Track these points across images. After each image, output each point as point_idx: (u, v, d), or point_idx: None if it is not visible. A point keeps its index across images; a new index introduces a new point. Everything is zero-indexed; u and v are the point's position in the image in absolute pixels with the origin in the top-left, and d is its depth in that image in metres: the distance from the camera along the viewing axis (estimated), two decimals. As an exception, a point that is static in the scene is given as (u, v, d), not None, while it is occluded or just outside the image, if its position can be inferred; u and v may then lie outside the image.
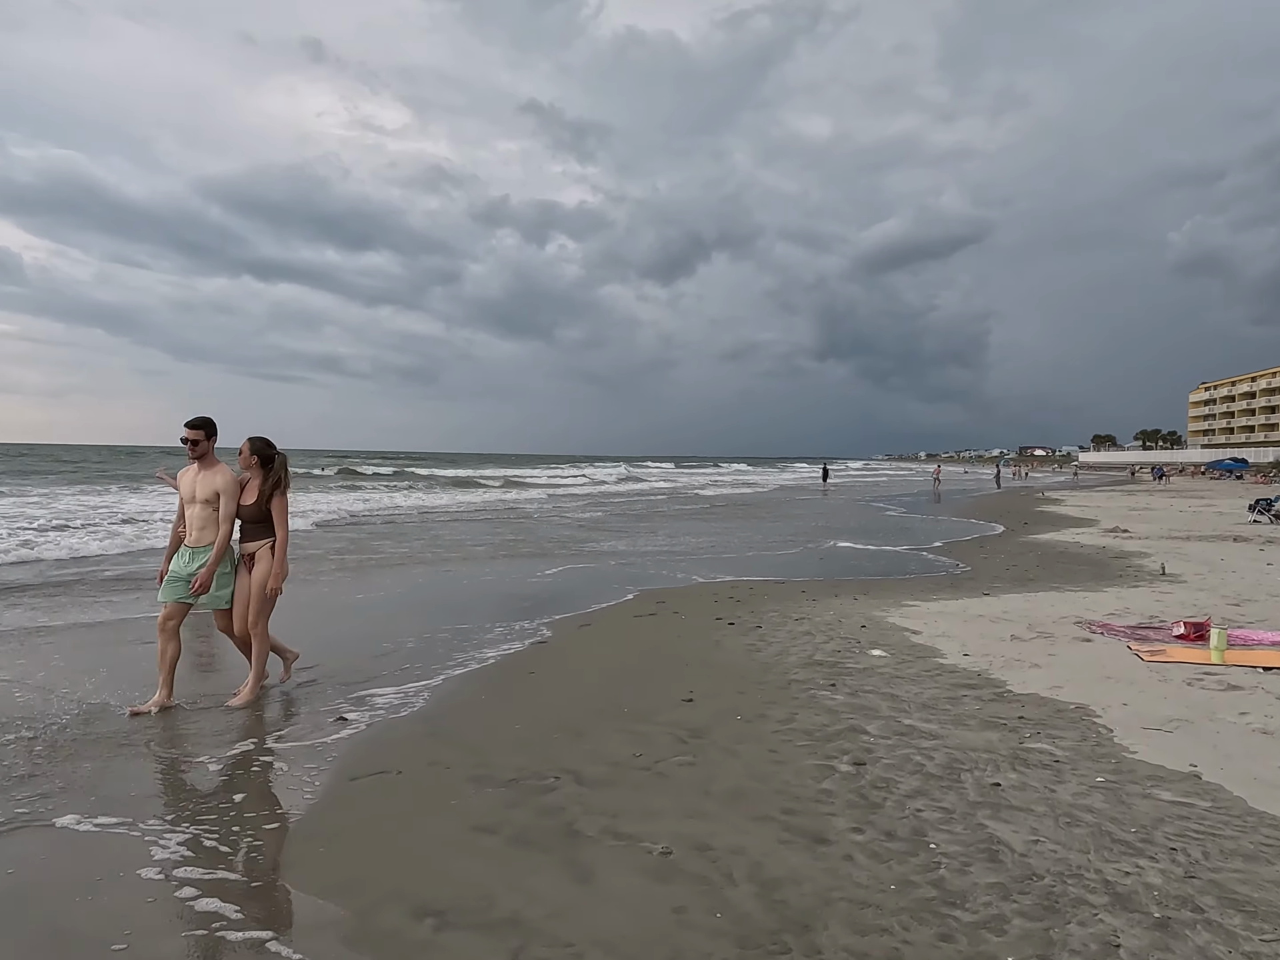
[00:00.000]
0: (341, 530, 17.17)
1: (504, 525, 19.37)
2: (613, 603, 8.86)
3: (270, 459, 5.39)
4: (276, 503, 5.31)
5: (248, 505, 5.27)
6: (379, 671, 5.92)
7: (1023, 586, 10.02)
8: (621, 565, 12.04)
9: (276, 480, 5.33)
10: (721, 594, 9.40)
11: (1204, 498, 34.69)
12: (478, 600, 8.91)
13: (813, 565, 12.62)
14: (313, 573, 10.87)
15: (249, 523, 5.31)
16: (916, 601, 8.82)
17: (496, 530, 17.92)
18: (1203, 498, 34.67)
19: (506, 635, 7.18)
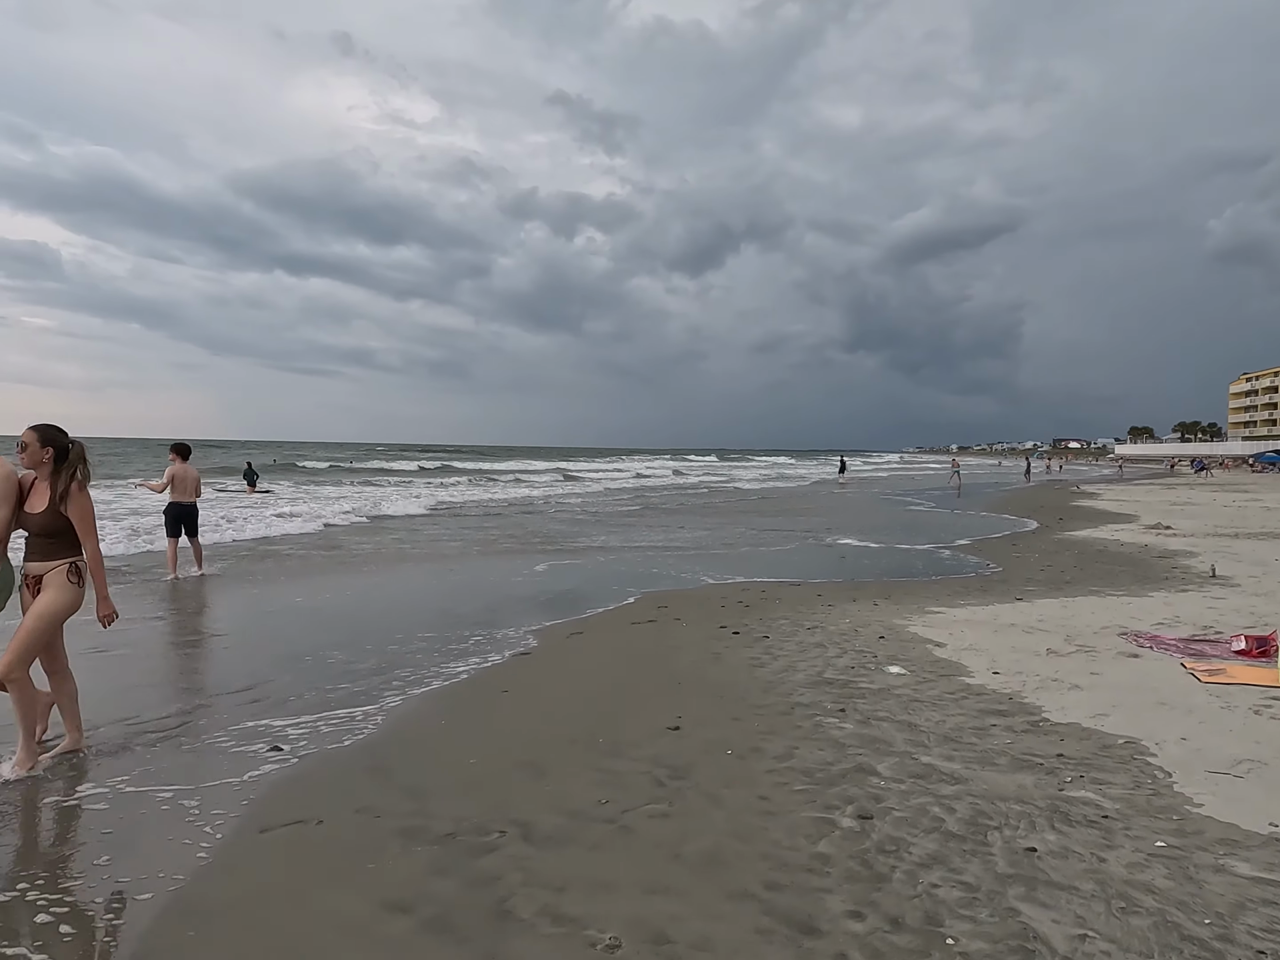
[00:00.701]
0: (407, 523, 16.74)
1: (554, 520, 18.84)
2: (611, 607, 8.23)
3: (65, 450, 4.11)
4: (77, 505, 4.06)
5: (37, 513, 4.04)
6: (335, 688, 5.34)
7: (1059, 590, 9.23)
8: (633, 561, 11.41)
9: (72, 474, 4.07)
10: (730, 598, 8.73)
11: (1249, 491, 33.31)
12: (477, 601, 8.33)
13: (833, 565, 11.89)
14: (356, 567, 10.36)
15: (40, 536, 4.05)
16: (942, 608, 8.08)
17: (548, 524, 17.38)
18: (1247, 491, 33.29)
19: (489, 644, 6.58)
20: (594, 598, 8.76)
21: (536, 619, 7.62)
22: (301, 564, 11.39)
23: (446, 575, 10.50)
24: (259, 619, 7.83)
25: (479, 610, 8.04)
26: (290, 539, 14.31)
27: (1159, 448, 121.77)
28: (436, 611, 7.98)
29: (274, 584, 9.70)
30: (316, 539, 14.40)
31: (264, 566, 11.08)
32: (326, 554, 12.40)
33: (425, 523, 18.06)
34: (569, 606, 8.28)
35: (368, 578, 10.22)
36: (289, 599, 8.71)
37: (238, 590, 9.36)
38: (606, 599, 8.68)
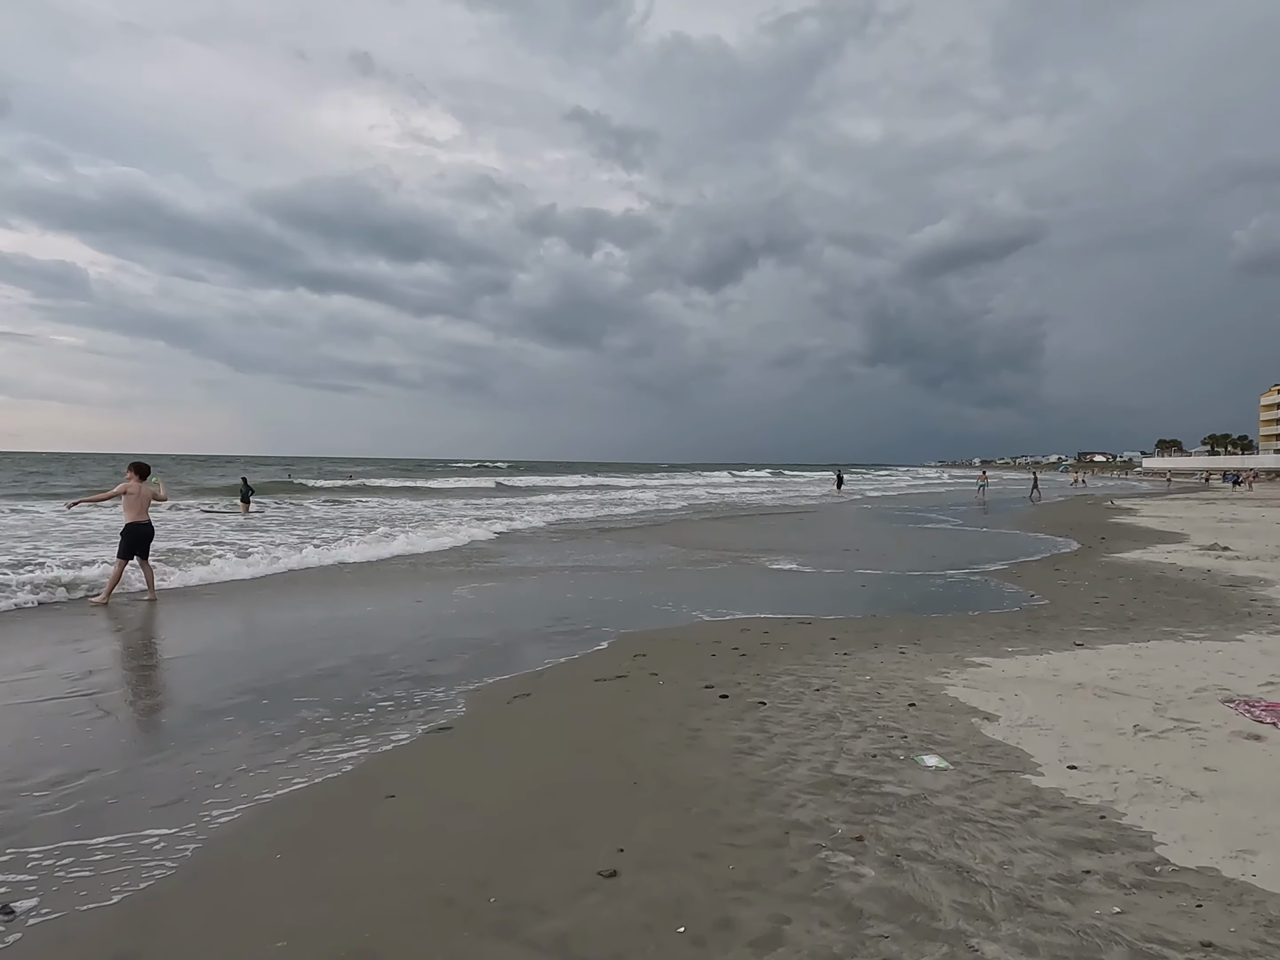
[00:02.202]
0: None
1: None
2: (575, 655, 6.75)
3: None
4: None
5: None
6: (151, 791, 3.89)
7: (1124, 631, 7.64)
8: (613, 588, 9.93)
9: None
10: (725, 640, 7.22)
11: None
12: (424, 641, 6.88)
13: (851, 595, 10.34)
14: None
15: None
16: (985, 657, 6.53)
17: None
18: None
19: (401, 712, 5.12)
20: (557, 640, 7.28)
21: (479, 671, 6.16)
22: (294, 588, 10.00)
23: (450, 602, 9.07)
24: (175, 660, 6.43)
25: (416, 656, 6.59)
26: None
27: (1188, 461, 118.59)
28: (365, 656, 6.53)
29: (226, 609, 8.32)
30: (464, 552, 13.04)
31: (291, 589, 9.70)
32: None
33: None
34: (525, 652, 6.82)
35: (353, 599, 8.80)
36: (200, 635, 7.31)
37: (198, 620, 7.98)
38: (576, 642, 7.20)
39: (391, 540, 15.40)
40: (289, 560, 12.51)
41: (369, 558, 13.54)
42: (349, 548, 14.20)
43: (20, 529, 16.47)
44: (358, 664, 6.43)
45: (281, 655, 6.77)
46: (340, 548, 14.15)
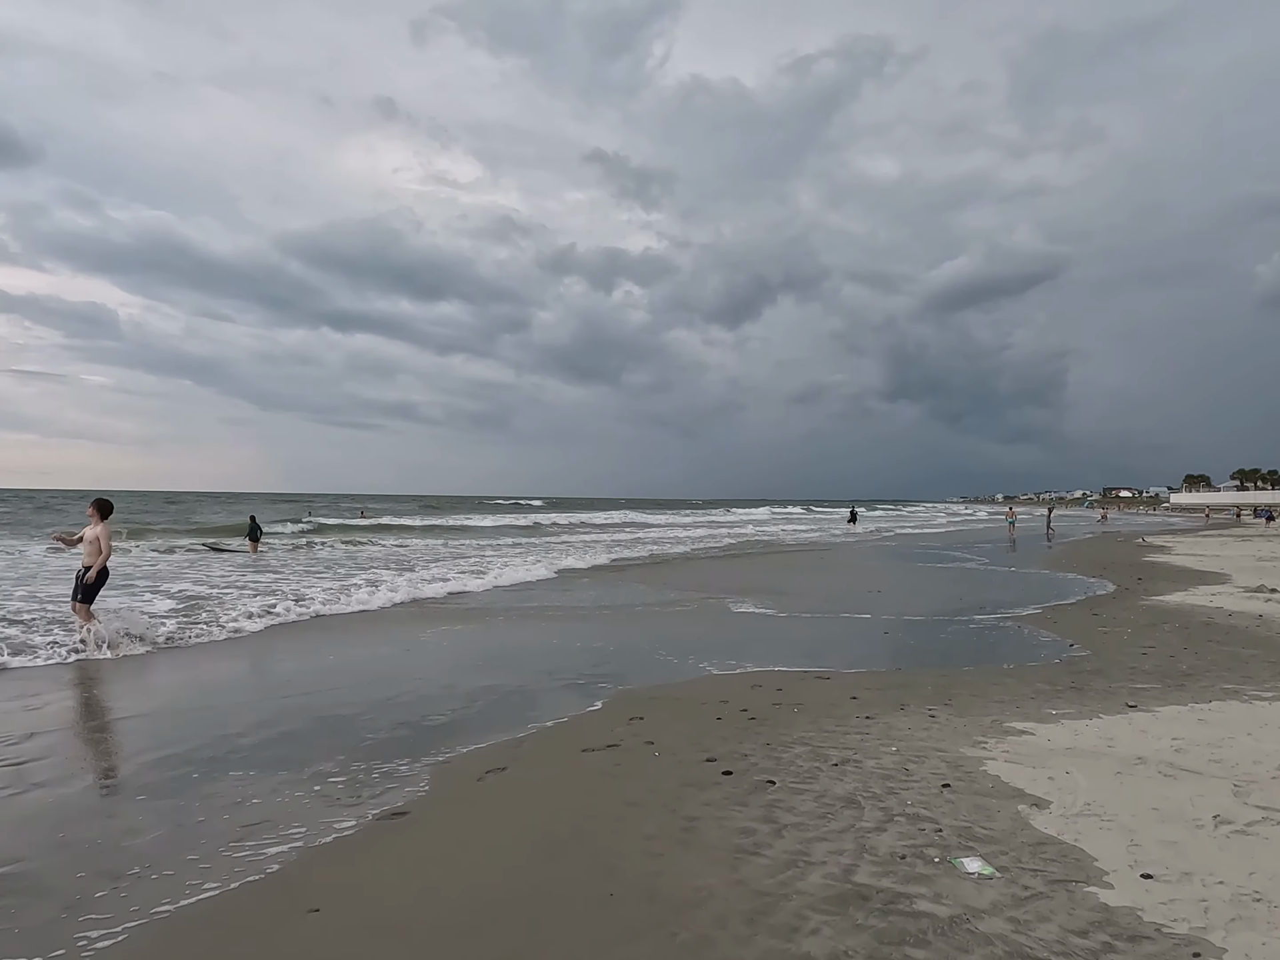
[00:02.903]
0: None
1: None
2: (565, 717, 6.06)
3: None
4: None
5: None
6: (22, 911, 3.24)
7: (1180, 689, 6.84)
8: (624, 632, 9.24)
9: None
10: (734, 700, 6.51)
11: (1338, 544, 30.07)
12: (400, 700, 6.23)
13: (874, 644, 9.59)
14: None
15: None
16: (1027, 722, 5.77)
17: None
18: (1336, 544, 30.06)
19: (355, 790, 4.46)
20: (549, 697, 6.61)
21: (454, 737, 5.49)
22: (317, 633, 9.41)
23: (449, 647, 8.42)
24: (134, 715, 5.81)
25: (387, 717, 5.93)
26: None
27: (1217, 496, 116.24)
28: (329, 718, 5.88)
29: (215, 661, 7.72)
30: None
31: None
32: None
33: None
34: (510, 712, 6.14)
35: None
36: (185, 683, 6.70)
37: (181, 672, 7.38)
38: (569, 700, 6.52)
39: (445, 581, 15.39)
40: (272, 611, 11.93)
41: (350, 607, 12.93)
42: (346, 595, 13.63)
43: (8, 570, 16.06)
44: (318, 727, 5.78)
45: (236, 716, 6.12)
46: (350, 593, 13.59)
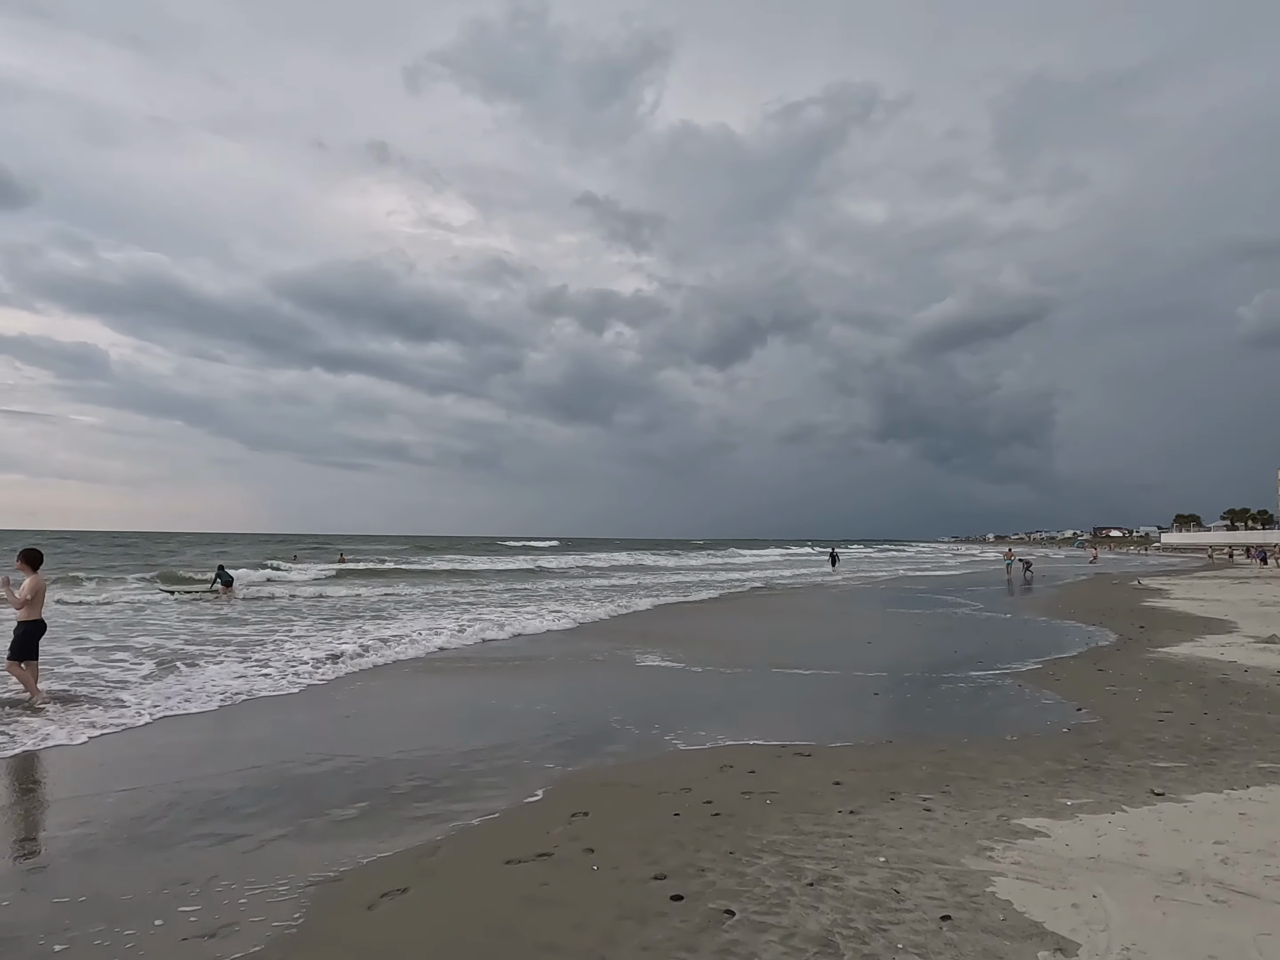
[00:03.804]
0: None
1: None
2: (495, 812, 5.15)
3: None
4: None
5: None
6: None
7: (1209, 768, 5.99)
8: (585, 695, 8.34)
9: None
10: (698, 786, 5.63)
11: (1337, 586, 29.38)
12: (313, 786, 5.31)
13: (862, 709, 8.70)
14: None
15: None
16: (1039, 818, 4.89)
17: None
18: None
19: (213, 916, 3.55)
20: (482, 784, 5.70)
21: (357, 840, 4.58)
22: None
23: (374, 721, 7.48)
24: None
25: (289, 808, 5.02)
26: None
27: (1207, 536, 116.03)
28: (222, 806, 4.96)
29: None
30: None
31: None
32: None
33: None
34: (430, 804, 5.23)
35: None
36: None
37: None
38: (505, 786, 5.62)
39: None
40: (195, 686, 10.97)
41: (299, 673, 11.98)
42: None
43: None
44: (198, 823, 4.85)
45: (131, 801, 5.20)
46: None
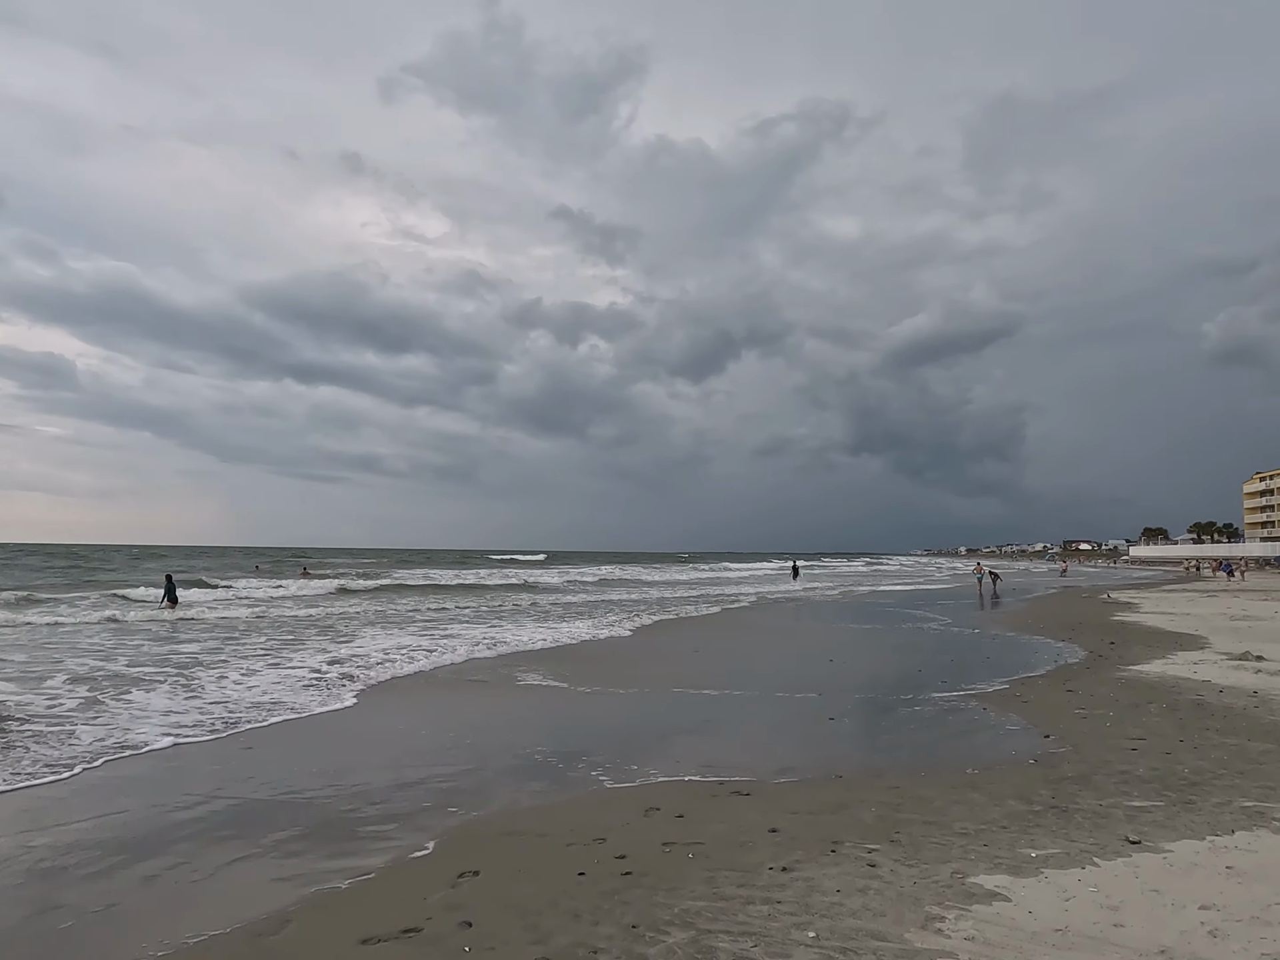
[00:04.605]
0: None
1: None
2: (369, 873, 4.40)
3: None
4: None
5: None
6: None
7: (1188, 806, 5.38)
8: (510, 724, 7.62)
9: None
10: (615, 834, 4.92)
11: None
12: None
13: (815, 736, 8.04)
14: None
15: None
16: (998, 875, 4.24)
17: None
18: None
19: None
20: (366, 834, 4.94)
21: (205, 910, 3.82)
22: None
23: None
24: None
25: (132, 872, 4.25)
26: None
27: (1175, 549, 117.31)
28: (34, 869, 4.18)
29: None
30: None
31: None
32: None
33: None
34: (293, 861, 4.47)
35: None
36: None
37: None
38: (391, 836, 4.87)
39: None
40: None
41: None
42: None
43: None
44: (16, 889, 4.07)
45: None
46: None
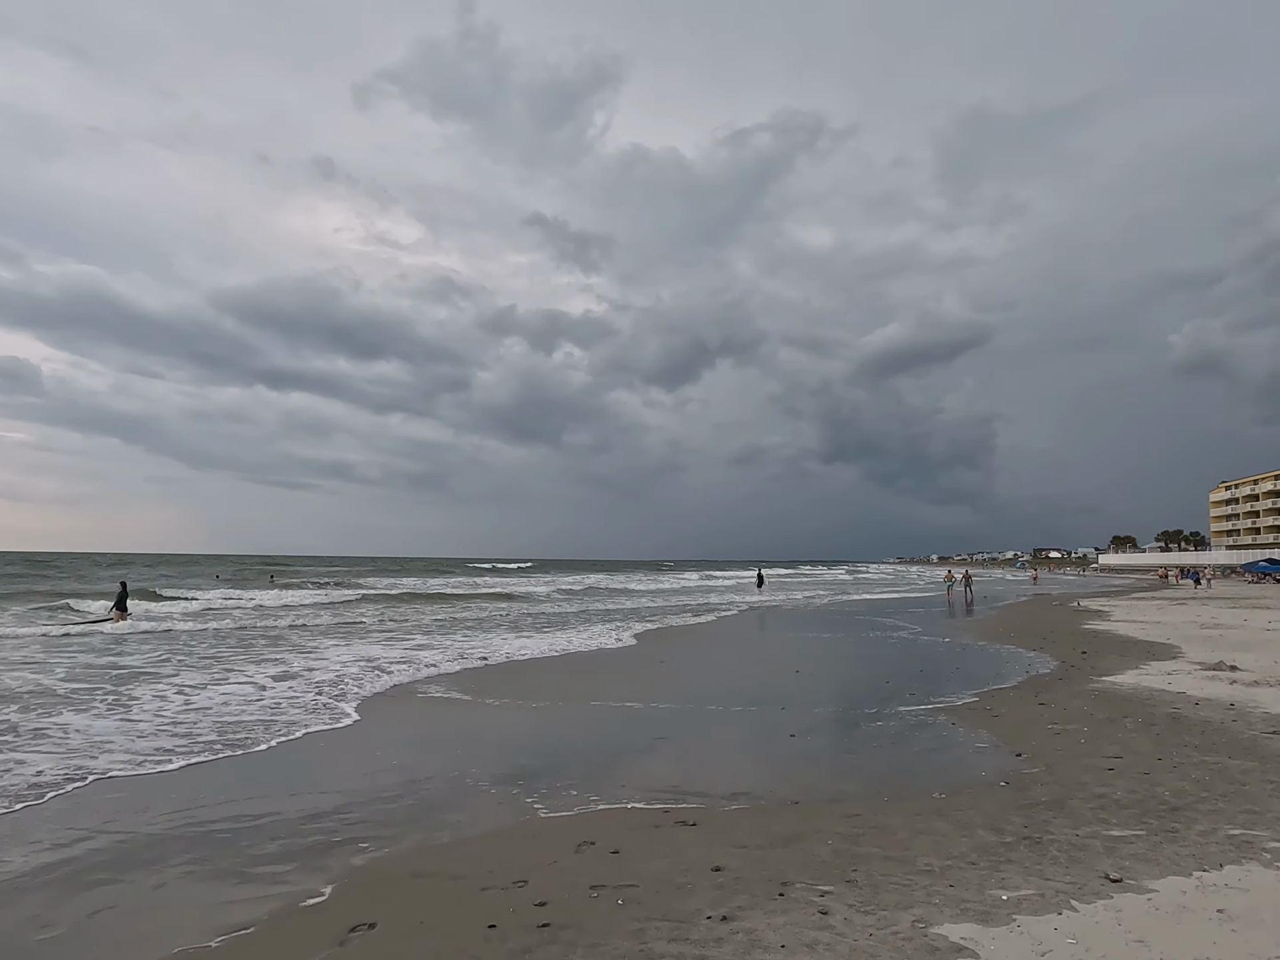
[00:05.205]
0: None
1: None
2: (247, 928, 3.82)
3: None
4: None
5: None
6: None
7: (1171, 834, 4.94)
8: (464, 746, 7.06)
9: None
10: (538, 875, 4.37)
11: (1270, 608, 29.42)
12: None
13: (773, 755, 7.54)
14: None
15: None
16: (965, 923, 3.75)
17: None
18: (1269, 608, 29.39)
19: None
20: (260, 877, 4.35)
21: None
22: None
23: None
24: None
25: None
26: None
27: (1143, 557, 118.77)
28: None
29: None
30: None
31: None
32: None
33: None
34: (174, 911, 3.89)
35: None
36: None
37: None
38: (281, 886, 4.29)
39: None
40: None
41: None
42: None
43: None
44: None
45: None
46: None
